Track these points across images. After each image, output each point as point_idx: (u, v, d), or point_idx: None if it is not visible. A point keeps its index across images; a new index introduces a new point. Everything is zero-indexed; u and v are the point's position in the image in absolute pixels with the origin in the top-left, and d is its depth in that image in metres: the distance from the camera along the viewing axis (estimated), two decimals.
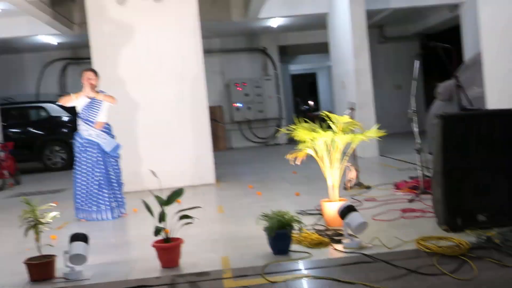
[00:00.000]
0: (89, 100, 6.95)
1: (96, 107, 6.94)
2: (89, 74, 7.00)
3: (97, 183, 6.83)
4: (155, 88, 9.26)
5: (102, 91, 7.08)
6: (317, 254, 4.40)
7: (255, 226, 4.91)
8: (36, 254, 4.44)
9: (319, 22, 14.56)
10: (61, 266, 4.38)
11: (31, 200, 4.50)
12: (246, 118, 17.37)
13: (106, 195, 6.81)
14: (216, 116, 16.59)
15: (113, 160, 7.01)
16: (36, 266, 4.28)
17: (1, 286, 4.21)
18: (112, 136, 7.08)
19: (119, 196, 6.99)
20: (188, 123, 9.33)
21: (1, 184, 11.15)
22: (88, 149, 6.89)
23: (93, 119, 6.92)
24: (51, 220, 4.50)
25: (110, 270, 4.48)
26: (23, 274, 4.35)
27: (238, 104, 17.25)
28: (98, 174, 6.84)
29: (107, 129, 7.03)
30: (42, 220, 4.38)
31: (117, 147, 7.03)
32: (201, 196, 7.99)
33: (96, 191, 6.82)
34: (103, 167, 6.86)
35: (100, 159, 6.87)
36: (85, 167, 6.87)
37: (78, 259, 4.27)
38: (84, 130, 6.93)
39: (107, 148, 6.91)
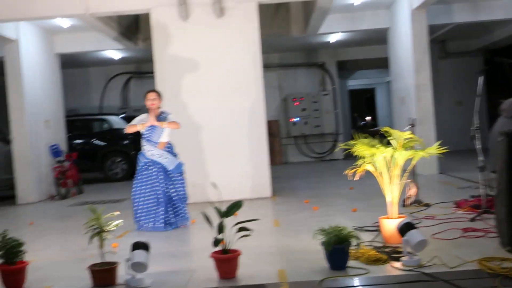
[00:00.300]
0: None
1: (159, 129, 7.12)
2: (152, 95, 7.16)
3: (155, 200, 6.98)
4: (215, 102, 9.42)
5: (165, 112, 7.23)
6: (374, 270, 4.35)
7: (311, 241, 4.90)
8: (99, 260, 4.59)
9: (379, 37, 14.45)
10: (122, 273, 4.51)
11: (96, 209, 4.66)
12: (302, 133, 17.37)
13: (163, 212, 6.94)
14: (273, 130, 16.67)
15: (177, 178, 7.14)
16: (99, 272, 4.42)
17: None
18: (175, 155, 7.23)
19: (182, 211, 7.12)
20: (246, 137, 9.43)
21: (65, 192, 11.56)
22: (150, 167, 7.07)
23: (156, 140, 7.09)
24: (114, 229, 4.65)
25: (169, 279, 4.57)
26: (86, 279, 4.51)
27: (295, 119, 17.28)
28: (158, 192, 6.97)
29: (169, 148, 7.19)
30: (106, 228, 4.53)
31: (179, 165, 7.17)
32: (258, 210, 8.02)
33: (154, 208, 6.98)
34: (163, 185, 7.01)
35: (161, 177, 7.02)
36: (144, 185, 7.04)
37: (139, 266, 4.38)
38: (148, 151, 7.10)
39: (170, 167, 7.07)
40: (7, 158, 11.49)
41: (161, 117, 7.15)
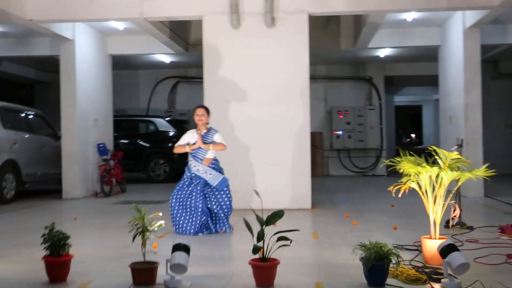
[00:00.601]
0: (203, 136, 7.23)
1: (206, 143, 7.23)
2: (200, 111, 7.27)
3: (192, 211, 7.08)
4: (261, 111, 9.49)
5: (213, 129, 7.34)
6: None
7: (350, 255, 4.88)
8: (140, 259, 4.69)
9: (429, 54, 14.28)
10: (161, 273, 4.59)
11: (140, 208, 4.77)
12: (345, 146, 17.27)
13: (199, 222, 7.02)
14: (316, 142, 16.64)
15: (221, 192, 7.22)
16: (140, 270, 4.51)
17: (106, 286, 4.46)
18: (220, 170, 7.31)
19: (222, 221, 7.19)
20: (289, 147, 9.46)
21: (109, 190, 11.82)
22: (194, 182, 7.18)
23: (202, 157, 7.21)
24: (157, 229, 4.74)
25: (207, 282, 4.63)
26: (127, 276, 4.61)
27: (339, 132, 17.21)
28: (198, 206, 7.06)
29: (214, 165, 7.27)
30: (149, 228, 4.63)
31: (224, 181, 7.24)
32: (297, 221, 8.03)
33: (190, 216, 7.08)
34: (204, 201, 7.10)
35: (203, 193, 7.13)
36: (184, 197, 7.15)
37: (178, 268, 4.45)
38: (193, 166, 7.22)
39: (214, 183, 7.17)
40: (56, 154, 11.85)
41: (208, 133, 7.25)
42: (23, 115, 11.76)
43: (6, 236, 6.87)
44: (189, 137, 7.30)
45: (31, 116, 12.05)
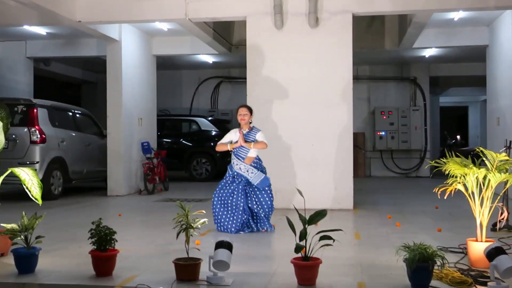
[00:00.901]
0: (245, 135, 7.26)
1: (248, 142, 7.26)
2: (243, 110, 7.28)
3: (233, 209, 7.12)
4: (304, 111, 9.48)
5: (255, 128, 7.36)
6: None
7: (393, 256, 4.83)
8: (183, 255, 4.76)
9: (476, 54, 13.99)
10: (204, 270, 4.65)
11: (184, 205, 4.84)
12: (388, 147, 17.07)
13: (239, 220, 7.06)
14: (358, 142, 16.51)
15: (262, 191, 7.23)
16: (184, 266, 4.58)
17: (150, 281, 4.54)
18: (262, 169, 7.31)
19: (263, 221, 7.21)
20: (332, 147, 9.42)
21: (152, 188, 12.02)
22: (236, 181, 7.22)
23: (244, 155, 7.24)
24: (200, 226, 4.80)
25: (249, 280, 4.66)
26: (170, 272, 4.68)
27: (382, 132, 17.02)
28: (239, 204, 7.10)
29: (256, 164, 7.28)
30: (193, 225, 4.69)
31: (265, 180, 7.22)
32: (339, 221, 7.98)
33: (231, 215, 7.12)
34: (245, 199, 7.13)
35: (244, 192, 7.15)
36: (225, 195, 7.19)
37: (221, 265, 4.50)
38: (235, 164, 7.25)
39: (255, 182, 7.18)
40: (102, 152, 12.13)
41: (250, 132, 7.28)
42: (70, 114, 12.08)
43: (55, 231, 7.07)
44: (232, 136, 7.35)
45: (78, 115, 12.36)
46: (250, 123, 7.34)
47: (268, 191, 7.27)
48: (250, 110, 7.36)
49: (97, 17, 10.18)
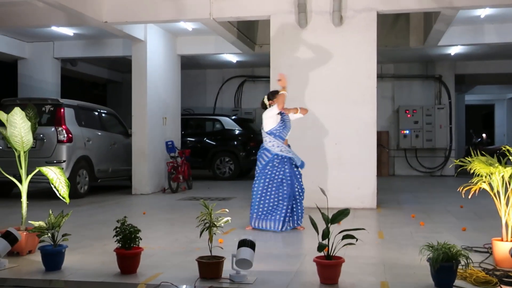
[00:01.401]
0: (283, 118, 7.27)
1: (289, 125, 7.31)
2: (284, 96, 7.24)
3: (280, 196, 7.12)
4: (328, 109, 9.46)
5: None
6: None
7: (417, 256, 4.81)
8: (206, 253, 4.81)
9: (503, 52, 13.80)
10: (227, 268, 4.69)
11: (208, 204, 4.88)
12: (413, 146, 16.94)
13: (285, 208, 7.06)
14: (382, 141, 16.41)
15: (299, 174, 7.27)
16: (207, 264, 4.62)
17: (174, 278, 4.60)
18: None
19: (300, 209, 7.21)
20: (355, 145, 9.38)
21: (176, 187, 12.12)
22: (279, 164, 7.16)
23: (286, 136, 7.26)
24: (223, 225, 4.84)
25: (271, 278, 4.68)
26: (194, 270, 4.73)
27: (406, 131, 16.89)
28: (285, 188, 7.10)
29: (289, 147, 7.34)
30: (217, 223, 4.73)
31: (303, 161, 7.31)
32: (362, 220, 7.96)
33: (276, 203, 7.12)
34: (290, 181, 7.13)
35: (289, 174, 7.14)
36: (271, 181, 7.15)
37: (244, 263, 4.53)
38: (276, 147, 7.17)
39: (298, 162, 7.22)
40: (127, 151, 12.27)
41: (284, 113, 7.27)
42: (96, 113, 12.25)
43: (80, 229, 7.18)
44: (272, 116, 7.17)
45: (104, 114, 12.52)
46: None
47: (301, 175, 7.31)
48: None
49: (122, 18, 10.30)
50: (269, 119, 7.18)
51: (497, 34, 12.42)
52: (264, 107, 7.35)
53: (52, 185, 5.57)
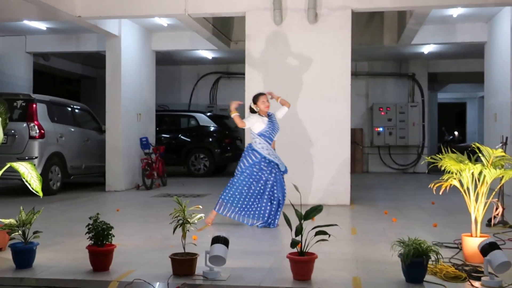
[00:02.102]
0: (270, 119, 7.30)
1: (278, 126, 7.33)
2: (265, 98, 7.31)
3: (259, 196, 7.15)
4: (302, 107, 9.50)
5: (270, 113, 7.39)
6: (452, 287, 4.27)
7: (388, 251, 4.87)
8: (179, 250, 4.80)
9: (475, 51, 14.01)
10: (200, 265, 4.69)
11: (181, 201, 4.87)
12: (386, 143, 17.12)
13: (268, 207, 7.10)
14: (356, 138, 16.55)
15: (282, 180, 7.26)
16: (180, 261, 4.61)
17: (147, 276, 4.58)
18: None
19: (278, 213, 7.18)
20: (329, 143, 9.45)
21: (150, 183, 12.05)
22: (265, 167, 7.18)
23: (274, 137, 7.28)
24: (197, 221, 4.84)
25: (245, 274, 4.69)
26: (167, 267, 4.71)
27: (379, 128, 17.07)
28: (269, 189, 7.13)
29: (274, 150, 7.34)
30: (190, 220, 4.73)
31: (286, 167, 7.31)
32: (335, 216, 8.03)
33: (258, 201, 7.15)
34: (276, 184, 7.16)
35: (273, 177, 7.17)
36: (254, 181, 7.17)
37: (217, 260, 4.53)
38: (265, 149, 7.19)
39: (282, 168, 7.24)
40: (100, 147, 12.16)
41: (271, 116, 7.33)
42: (69, 109, 12.10)
43: (53, 226, 7.10)
44: (259, 120, 7.22)
45: (77, 110, 12.38)
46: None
47: (283, 183, 7.31)
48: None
49: (97, 12, 10.19)
50: (256, 123, 7.24)
51: (469, 33, 12.61)
52: (252, 111, 7.36)
53: (24, 180, 5.49)
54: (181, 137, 15.70)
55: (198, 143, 15.45)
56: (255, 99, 7.33)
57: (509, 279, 4.37)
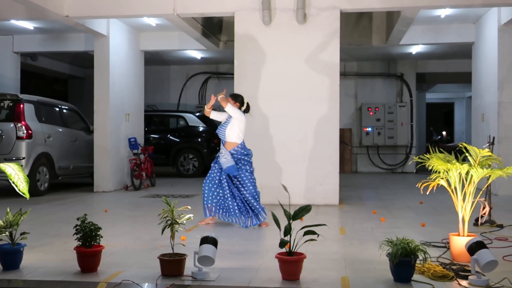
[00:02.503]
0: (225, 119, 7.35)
1: (224, 126, 7.29)
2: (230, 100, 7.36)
3: (223, 195, 7.20)
4: (291, 107, 9.51)
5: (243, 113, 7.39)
6: (439, 287, 4.29)
7: (377, 251, 4.89)
8: (168, 251, 4.78)
9: (462, 51, 14.11)
10: (189, 265, 4.68)
11: (170, 201, 4.85)
12: (375, 143, 17.18)
13: (235, 205, 7.13)
14: (345, 138, 16.60)
15: (243, 177, 7.19)
16: (169, 262, 4.60)
17: (135, 276, 4.56)
18: (240, 158, 7.19)
19: (255, 207, 7.17)
20: (318, 142, 9.46)
21: (138, 184, 12.01)
22: (216, 163, 7.31)
23: (222, 137, 7.26)
24: (185, 222, 4.83)
25: (234, 275, 4.69)
26: (156, 268, 4.70)
27: (368, 128, 17.14)
28: (224, 188, 7.17)
29: (236, 152, 7.18)
30: (178, 221, 4.72)
31: (231, 168, 7.09)
32: (324, 216, 8.05)
33: (223, 201, 7.20)
34: (228, 182, 7.17)
35: (224, 176, 7.18)
36: (213, 179, 7.25)
37: (206, 260, 4.53)
38: (221, 148, 7.29)
39: (223, 165, 7.14)
40: (89, 148, 12.09)
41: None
42: (57, 109, 12.02)
43: (41, 227, 7.05)
44: (224, 117, 7.37)
45: (65, 110, 12.30)
46: (240, 109, 7.33)
47: (249, 177, 7.21)
48: (236, 98, 7.43)
49: (84, 12, 10.13)
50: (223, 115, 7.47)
51: (456, 34, 12.69)
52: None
53: (11, 181, 5.44)
54: (170, 137, 15.65)
55: (187, 144, 15.42)
56: (233, 98, 7.47)
57: (496, 277, 4.40)
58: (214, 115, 7.43)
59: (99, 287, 4.41)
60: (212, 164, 7.37)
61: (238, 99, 7.42)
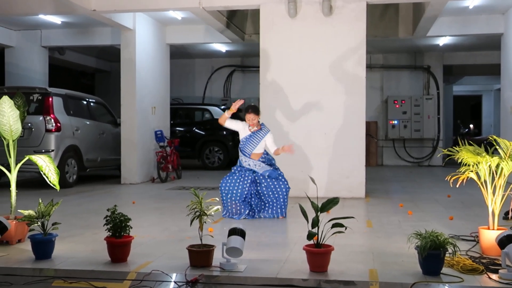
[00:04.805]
0: (252, 134, 7.35)
1: (255, 143, 7.32)
2: (250, 116, 7.29)
3: (242, 198, 7.27)
4: (317, 99, 9.49)
5: (264, 127, 7.43)
6: (469, 280, 4.25)
7: (405, 244, 4.86)
8: (196, 242, 4.83)
9: (491, 43, 13.89)
10: (217, 256, 4.72)
11: (198, 193, 4.89)
12: (401, 136, 17.04)
13: (248, 209, 7.27)
14: (371, 131, 16.49)
15: (274, 181, 7.30)
16: (198, 253, 4.65)
17: (164, 267, 4.62)
18: (271, 163, 7.39)
19: (285, 201, 7.30)
20: (344, 135, 9.43)
21: (165, 176, 12.11)
22: (243, 171, 7.34)
23: (249, 152, 7.33)
24: (214, 213, 4.86)
25: (261, 266, 4.71)
26: (184, 258, 4.75)
27: (394, 121, 17.00)
28: (244, 191, 7.26)
29: (264, 158, 7.37)
30: (207, 212, 4.75)
31: (272, 172, 7.30)
32: (351, 209, 8.02)
33: (240, 203, 7.28)
34: (257, 186, 7.29)
35: (254, 180, 7.30)
36: (235, 184, 7.29)
37: (234, 252, 4.56)
38: (244, 161, 7.38)
39: (260, 171, 7.31)
40: (116, 140, 12.23)
41: (259, 132, 7.33)
42: (85, 102, 12.18)
43: (70, 218, 7.17)
44: (239, 126, 7.42)
45: (92, 104, 12.46)
46: (258, 122, 7.41)
47: (283, 179, 7.34)
48: (257, 111, 7.41)
49: (111, 6, 10.23)
50: (238, 129, 7.48)
51: (485, 25, 12.49)
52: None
53: (41, 173, 5.55)
54: (196, 130, 15.74)
55: (212, 136, 15.49)
56: (245, 110, 7.44)
57: None
58: (228, 123, 7.46)
59: (129, 276, 4.48)
60: (233, 172, 7.40)
61: (259, 112, 7.48)
